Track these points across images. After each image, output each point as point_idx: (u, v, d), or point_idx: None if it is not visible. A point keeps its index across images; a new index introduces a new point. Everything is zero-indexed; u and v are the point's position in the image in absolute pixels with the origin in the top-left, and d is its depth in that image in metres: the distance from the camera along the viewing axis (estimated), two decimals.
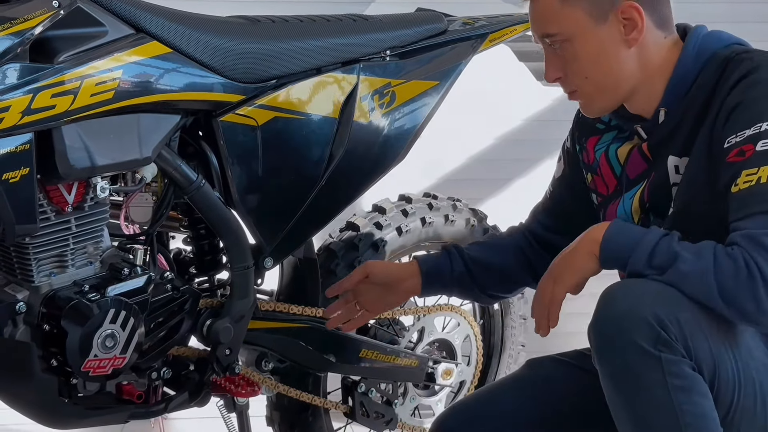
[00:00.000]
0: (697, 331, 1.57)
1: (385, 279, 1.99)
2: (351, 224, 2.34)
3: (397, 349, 2.33)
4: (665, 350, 1.54)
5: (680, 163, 1.75)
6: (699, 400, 1.56)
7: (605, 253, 1.62)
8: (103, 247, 1.90)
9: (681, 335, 1.55)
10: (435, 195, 2.47)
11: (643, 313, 1.55)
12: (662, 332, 1.54)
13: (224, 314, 2.03)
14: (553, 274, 1.66)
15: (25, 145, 1.69)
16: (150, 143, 1.86)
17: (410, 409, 2.42)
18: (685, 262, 1.57)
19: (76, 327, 1.81)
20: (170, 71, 1.87)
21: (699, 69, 1.73)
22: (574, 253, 1.65)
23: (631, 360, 1.55)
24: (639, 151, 1.81)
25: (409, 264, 2.04)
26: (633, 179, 1.82)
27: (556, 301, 1.65)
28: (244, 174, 2.01)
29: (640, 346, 1.54)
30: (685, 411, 1.55)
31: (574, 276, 1.64)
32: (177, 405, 2.03)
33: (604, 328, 1.58)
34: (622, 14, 1.70)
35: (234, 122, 1.98)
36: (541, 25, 1.75)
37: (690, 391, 1.56)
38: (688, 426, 1.56)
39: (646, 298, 1.56)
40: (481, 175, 3.25)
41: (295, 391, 2.21)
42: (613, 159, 1.86)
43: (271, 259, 2.09)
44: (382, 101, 2.15)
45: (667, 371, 1.55)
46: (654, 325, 1.54)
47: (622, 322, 1.56)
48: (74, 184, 1.82)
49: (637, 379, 1.56)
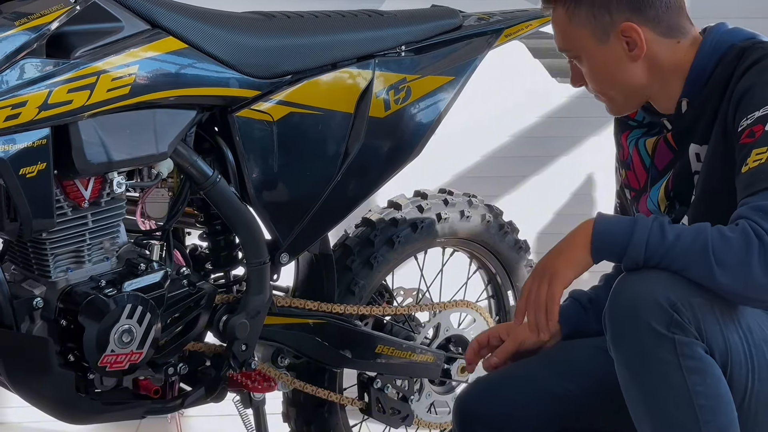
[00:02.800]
0: (710, 316, 1.58)
1: (533, 346, 1.96)
2: (366, 220, 2.34)
3: (413, 345, 2.32)
4: (679, 332, 1.55)
5: (701, 150, 1.76)
6: (713, 382, 1.57)
7: (598, 246, 1.62)
8: (119, 243, 1.91)
9: (694, 318, 1.56)
10: (450, 191, 2.47)
11: (657, 297, 1.56)
12: (675, 315, 1.55)
13: (240, 310, 2.03)
14: (547, 272, 1.65)
15: (42, 140, 1.70)
16: (166, 138, 1.86)
17: (426, 406, 2.42)
18: (683, 243, 1.57)
19: (93, 322, 1.82)
20: (186, 67, 1.87)
21: (717, 60, 1.76)
22: (569, 248, 1.65)
23: (645, 342, 1.57)
24: (665, 141, 1.84)
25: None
26: (661, 170, 1.85)
27: (555, 299, 1.65)
28: (259, 169, 2.01)
29: (653, 329, 1.55)
30: (699, 393, 1.56)
31: (572, 270, 1.64)
32: (193, 400, 2.03)
33: (618, 313, 1.60)
34: (623, 34, 1.75)
35: (249, 118, 1.98)
36: (558, 39, 1.83)
37: (704, 373, 1.56)
38: (702, 407, 1.56)
39: (658, 283, 1.57)
40: (497, 172, 3.24)
41: (311, 386, 2.21)
42: (643, 151, 1.88)
43: (287, 254, 2.09)
44: (397, 96, 2.15)
45: (680, 353, 1.56)
46: (667, 308, 1.55)
47: (635, 306, 1.57)
48: (91, 179, 1.82)
49: (651, 362, 1.57)
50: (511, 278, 2.52)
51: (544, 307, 1.65)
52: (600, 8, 1.75)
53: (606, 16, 1.75)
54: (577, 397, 1.90)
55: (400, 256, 2.34)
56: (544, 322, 1.66)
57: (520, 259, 2.52)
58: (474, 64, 2.26)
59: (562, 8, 1.79)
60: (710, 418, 1.56)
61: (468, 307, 2.43)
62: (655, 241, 1.58)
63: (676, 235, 1.57)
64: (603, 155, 3.22)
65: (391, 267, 2.34)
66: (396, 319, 2.38)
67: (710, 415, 1.56)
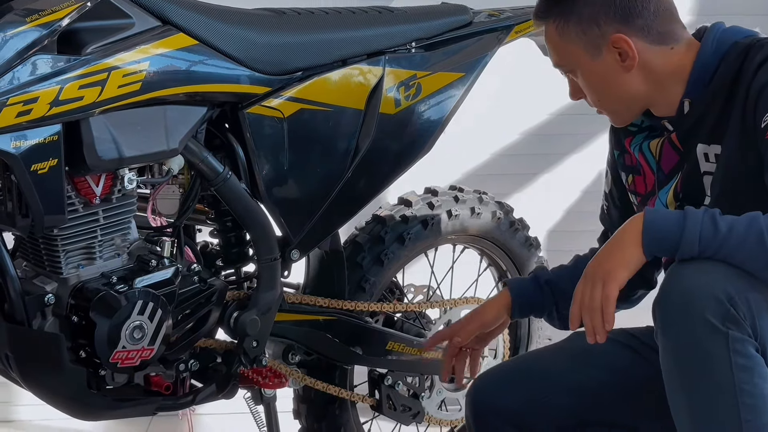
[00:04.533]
0: (764, 313, 1.55)
1: (492, 325, 2.00)
2: (377, 217, 2.34)
3: (424, 341, 2.32)
4: (733, 327, 1.53)
5: (709, 150, 1.75)
6: (759, 382, 1.55)
7: (650, 242, 1.59)
8: (130, 239, 1.91)
9: (749, 314, 1.54)
10: (461, 188, 2.46)
11: (714, 290, 1.53)
12: (732, 309, 1.53)
13: (251, 306, 2.03)
14: (599, 275, 1.62)
15: (54, 137, 1.70)
16: (177, 135, 1.86)
17: (437, 403, 2.42)
18: (738, 234, 1.54)
19: (104, 318, 1.82)
20: (196, 63, 1.88)
21: (719, 59, 1.74)
22: (620, 247, 1.62)
23: (697, 334, 1.54)
24: (669, 143, 1.82)
25: (504, 302, 2.00)
26: (668, 174, 1.83)
27: (611, 301, 1.61)
28: (270, 166, 2.01)
29: (708, 321, 1.53)
30: (744, 390, 1.54)
31: (625, 270, 1.61)
32: (204, 397, 2.03)
33: (673, 302, 1.57)
34: (614, 45, 1.75)
35: (260, 114, 1.98)
36: (552, 56, 1.84)
37: (752, 372, 1.54)
38: (745, 405, 1.54)
39: (716, 275, 1.55)
40: (507, 169, 3.23)
41: (322, 383, 2.21)
42: (648, 153, 1.87)
43: (297, 251, 2.09)
44: (407, 93, 2.15)
45: (732, 349, 1.53)
46: (724, 301, 1.53)
47: (691, 297, 1.55)
48: (102, 176, 1.82)
49: (700, 353, 1.55)
50: (521, 275, 2.51)
51: (600, 310, 1.62)
52: (589, 22, 1.75)
53: (595, 29, 1.75)
54: (595, 390, 1.89)
55: (411, 253, 2.33)
56: (600, 325, 1.63)
57: (530, 256, 2.51)
58: (484, 60, 2.25)
59: (553, 25, 1.79)
60: (752, 417, 1.54)
61: (478, 304, 2.42)
62: (708, 234, 1.55)
63: (729, 227, 1.55)
64: None
65: (401, 264, 2.34)
66: (406, 316, 2.38)
67: (753, 414, 1.54)
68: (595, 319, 1.63)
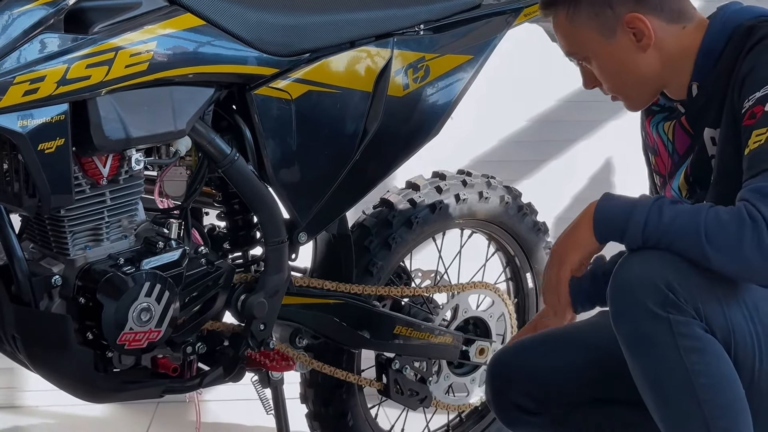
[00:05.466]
0: (710, 296, 1.57)
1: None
2: (385, 201, 2.33)
3: (432, 326, 2.31)
4: (674, 311, 1.55)
5: (715, 134, 1.75)
6: (712, 360, 1.56)
7: (600, 227, 1.63)
8: (137, 221, 1.90)
9: (690, 298, 1.55)
10: (469, 172, 2.45)
11: (653, 278, 1.56)
12: (670, 294, 1.55)
13: (258, 289, 2.02)
14: (557, 257, 1.68)
15: (61, 116, 1.69)
16: (184, 116, 1.85)
17: (444, 388, 2.41)
18: (679, 224, 1.56)
19: (111, 300, 1.81)
20: (204, 44, 1.86)
21: (726, 41, 1.74)
22: (573, 231, 1.67)
23: (641, 323, 1.57)
24: (680, 126, 1.82)
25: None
26: (681, 155, 1.83)
27: (563, 281, 1.67)
28: (278, 148, 2.00)
29: (649, 309, 1.56)
30: (698, 371, 1.55)
31: (576, 253, 1.66)
32: (212, 380, 2.02)
33: (618, 292, 1.60)
34: (628, 26, 1.73)
35: (268, 96, 1.97)
36: (563, 45, 1.82)
37: (702, 352, 1.56)
38: (702, 386, 1.55)
39: (658, 264, 1.57)
40: (515, 156, 3.22)
41: (329, 367, 2.20)
42: (663, 135, 1.87)
43: (305, 233, 2.08)
44: (416, 75, 2.13)
45: (676, 332, 1.55)
46: (663, 288, 1.55)
47: (633, 286, 1.58)
48: (109, 156, 1.82)
49: (648, 342, 1.57)
50: (529, 260, 2.51)
51: (556, 290, 1.68)
52: (601, 5, 1.74)
53: (608, 11, 1.73)
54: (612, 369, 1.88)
55: (419, 237, 2.32)
56: (556, 303, 1.70)
57: (539, 241, 2.51)
58: (493, 43, 2.24)
59: (563, 12, 1.77)
60: (710, 397, 1.55)
61: (487, 289, 2.41)
62: (653, 222, 1.58)
63: (672, 216, 1.57)
64: (622, 139, 3.22)
65: (409, 248, 2.33)
66: (414, 301, 2.37)
67: (710, 393, 1.55)
68: (552, 298, 1.70)
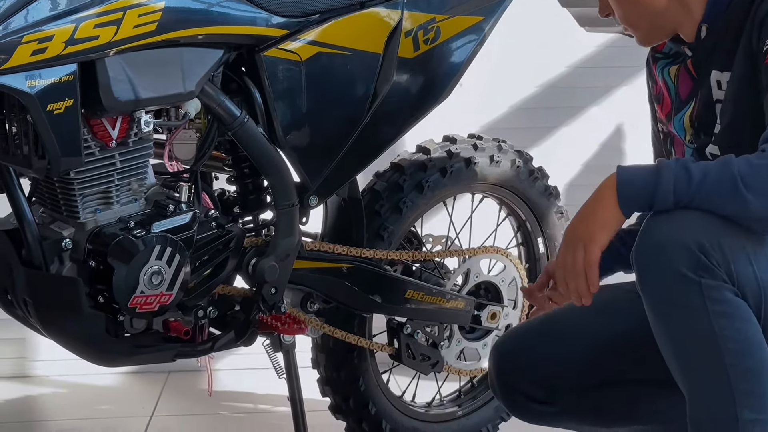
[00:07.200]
0: (741, 256, 1.54)
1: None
2: (395, 165, 2.32)
3: (443, 290, 2.30)
4: (706, 275, 1.52)
5: (722, 77, 1.73)
6: (741, 326, 1.53)
7: (626, 199, 1.58)
8: (147, 184, 1.89)
9: (723, 260, 1.52)
10: (480, 136, 2.44)
11: (685, 240, 1.52)
12: (702, 257, 1.51)
13: (269, 253, 2.01)
14: (582, 240, 1.61)
15: (69, 76, 1.68)
16: (193, 77, 1.84)
17: (456, 353, 2.40)
18: (711, 178, 1.53)
19: (122, 263, 1.80)
20: (213, 5, 1.85)
21: None
22: (594, 210, 1.61)
23: (672, 287, 1.53)
24: (685, 69, 1.81)
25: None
26: (684, 100, 1.81)
27: (593, 264, 1.61)
28: (287, 110, 1.98)
29: (680, 272, 1.52)
30: (726, 336, 1.53)
31: (604, 232, 1.60)
32: (223, 344, 2.01)
33: (646, 256, 1.56)
34: None
35: (277, 57, 1.95)
36: None
37: (732, 317, 1.53)
38: (729, 351, 1.53)
39: (688, 224, 1.53)
40: (524, 123, 3.20)
41: (340, 332, 2.19)
42: (668, 79, 1.85)
43: (315, 197, 2.07)
44: (426, 37, 2.11)
45: (707, 297, 1.52)
46: (695, 250, 1.51)
47: (663, 249, 1.54)
48: (118, 118, 1.81)
49: (677, 306, 1.54)
50: (541, 225, 2.49)
51: (584, 275, 1.62)
52: None
53: None
54: (620, 349, 1.87)
55: (429, 201, 2.31)
56: (585, 289, 1.63)
57: (550, 205, 2.49)
58: (504, 4, 2.22)
59: None
60: (737, 362, 1.53)
61: (498, 254, 2.40)
62: (683, 182, 1.54)
63: (703, 173, 1.54)
64: (632, 106, 3.19)
65: (420, 212, 2.31)
66: (425, 266, 2.36)
67: (738, 358, 1.53)
68: (580, 284, 1.62)
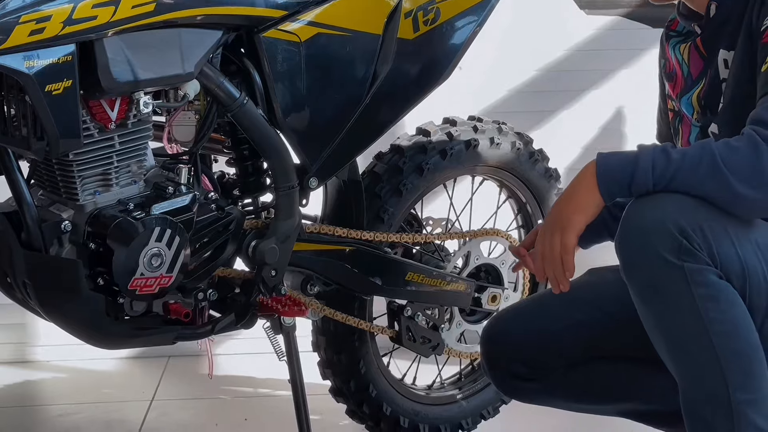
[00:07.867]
0: (724, 238, 1.54)
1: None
2: (395, 147, 2.31)
3: (444, 272, 2.30)
4: (689, 259, 1.52)
5: (728, 56, 1.73)
6: (727, 308, 1.53)
7: (605, 183, 1.58)
8: (147, 166, 1.89)
9: (705, 243, 1.52)
10: (480, 118, 2.43)
11: (666, 224, 1.52)
12: (684, 241, 1.51)
13: (269, 235, 2.01)
14: (558, 223, 1.61)
15: (68, 57, 1.67)
16: (192, 58, 1.83)
17: (456, 335, 2.40)
18: (691, 160, 1.53)
19: (121, 245, 1.80)
20: None
21: None
22: (575, 193, 1.61)
23: (655, 272, 1.53)
24: (695, 47, 1.81)
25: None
26: (695, 78, 1.81)
27: (569, 249, 1.62)
28: (287, 91, 1.97)
29: (663, 258, 1.52)
30: (713, 319, 1.53)
31: (582, 215, 1.60)
32: (224, 326, 2.01)
33: (628, 243, 1.56)
34: None
35: (277, 38, 1.94)
36: None
37: (717, 300, 1.53)
38: (717, 334, 1.53)
39: (668, 208, 1.53)
40: (524, 106, 3.19)
41: (341, 314, 2.19)
42: (679, 56, 1.85)
43: (315, 179, 2.06)
44: (426, 18, 2.10)
45: (691, 281, 1.52)
46: (676, 235, 1.51)
47: (645, 235, 1.54)
48: (117, 100, 1.80)
49: (662, 292, 1.54)
50: (541, 207, 2.48)
51: (560, 260, 1.62)
52: None
53: None
54: (607, 325, 1.87)
55: (430, 183, 2.30)
56: (561, 274, 1.64)
57: (550, 187, 2.48)
58: None
59: None
60: (726, 344, 1.53)
61: (498, 236, 2.40)
62: (662, 164, 1.54)
63: (681, 154, 1.54)
64: (632, 89, 3.18)
65: (420, 195, 2.30)
66: (426, 248, 2.35)
67: (725, 339, 1.53)
68: (556, 269, 1.63)
